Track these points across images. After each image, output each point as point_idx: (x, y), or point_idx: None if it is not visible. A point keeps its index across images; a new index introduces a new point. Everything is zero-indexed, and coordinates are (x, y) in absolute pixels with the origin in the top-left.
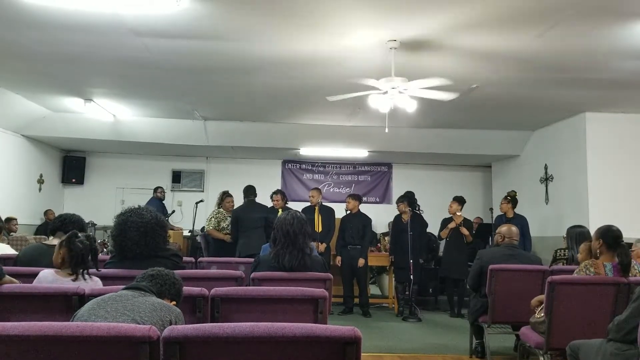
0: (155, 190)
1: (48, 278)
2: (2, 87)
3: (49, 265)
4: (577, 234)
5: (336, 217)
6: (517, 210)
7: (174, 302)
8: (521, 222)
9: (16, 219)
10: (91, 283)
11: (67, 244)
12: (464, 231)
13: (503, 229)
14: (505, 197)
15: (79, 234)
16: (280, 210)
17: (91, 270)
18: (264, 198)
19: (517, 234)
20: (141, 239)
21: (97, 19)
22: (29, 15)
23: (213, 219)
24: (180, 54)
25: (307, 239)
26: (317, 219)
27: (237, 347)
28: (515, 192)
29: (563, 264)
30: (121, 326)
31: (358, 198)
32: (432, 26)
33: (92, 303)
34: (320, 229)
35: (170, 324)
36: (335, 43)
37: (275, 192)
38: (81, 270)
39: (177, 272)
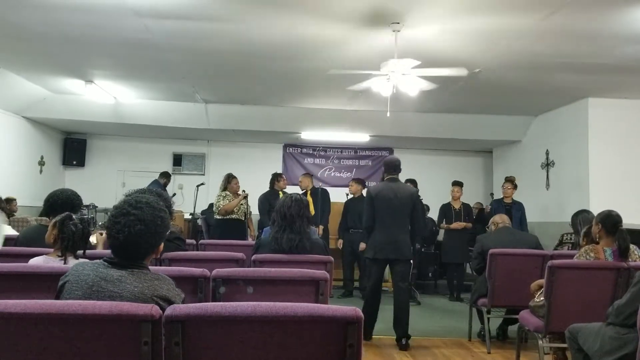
0: (165, 176)
1: (40, 263)
2: (2, 68)
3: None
4: (582, 219)
5: (331, 199)
6: (516, 196)
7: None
8: (521, 209)
9: (16, 200)
10: None
11: (60, 226)
12: (462, 225)
13: (496, 218)
14: (512, 182)
15: (73, 217)
16: (281, 193)
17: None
18: (264, 181)
19: (508, 218)
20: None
21: None
22: None
23: (225, 198)
24: (182, 36)
25: (305, 222)
26: (310, 203)
27: (239, 326)
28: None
29: (569, 248)
30: (123, 305)
31: (361, 182)
32: (435, 8)
33: (78, 291)
34: (313, 213)
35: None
36: (338, 26)
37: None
38: (71, 253)
39: (179, 253)
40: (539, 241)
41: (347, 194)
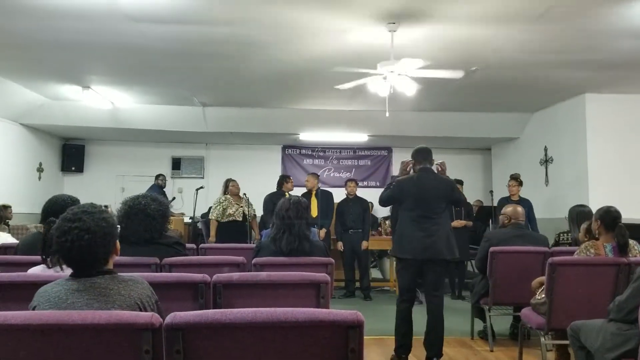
0: (157, 177)
1: (38, 272)
2: None
3: None
4: (577, 214)
5: (335, 201)
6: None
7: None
8: (528, 205)
9: (11, 207)
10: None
11: (44, 230)
12: (462, 223)
13: (509, 209)
14: (517, 179)
15: (57, 221)
16: (287, 194)
17: None
18: (264, 183)
19: (523, 214)
20: (143, 223)
21: (92, 5)
22: (25, 3)
23: (219, 206)
24: (177, 40)
25: (303, 224)
26: (313, 204)
27: (240, 333)
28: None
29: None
30: (123, 314)
31: (357, 182)
32: (432, 6)
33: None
34: (315, 214)
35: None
36: (334, 27)
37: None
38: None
39: (179, 258)
40: (547, 242)
41: (348, 194)
